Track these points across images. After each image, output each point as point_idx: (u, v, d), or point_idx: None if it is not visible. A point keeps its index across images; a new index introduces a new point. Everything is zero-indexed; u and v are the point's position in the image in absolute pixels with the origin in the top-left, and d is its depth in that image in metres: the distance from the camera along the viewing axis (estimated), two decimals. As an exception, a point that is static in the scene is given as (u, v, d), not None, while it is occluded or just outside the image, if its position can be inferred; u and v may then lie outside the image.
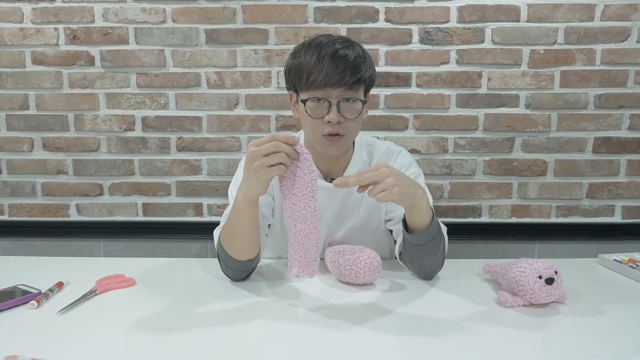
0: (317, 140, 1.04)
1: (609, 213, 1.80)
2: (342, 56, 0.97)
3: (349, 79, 0.96)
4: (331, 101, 0.98)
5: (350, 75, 0.96)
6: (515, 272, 0.90)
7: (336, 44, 0.98)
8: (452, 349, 0.75)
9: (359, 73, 0.98)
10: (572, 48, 1.69)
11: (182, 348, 0.75)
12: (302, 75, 0.99)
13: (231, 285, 1.02)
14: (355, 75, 0.97)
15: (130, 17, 1.70)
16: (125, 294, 0.98)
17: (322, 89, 0.97)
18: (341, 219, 1.19)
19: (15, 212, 1.81)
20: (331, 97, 0.98)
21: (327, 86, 0.96)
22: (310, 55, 0.98)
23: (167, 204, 1.80)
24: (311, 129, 1.03)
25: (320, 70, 0.96)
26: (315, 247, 0.91)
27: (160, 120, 1.76)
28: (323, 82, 0.96)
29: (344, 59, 0.96)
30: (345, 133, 1.02)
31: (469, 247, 1.82)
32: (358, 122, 1.04)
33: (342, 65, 0.96)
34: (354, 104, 1.00)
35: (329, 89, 0.97)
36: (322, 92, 0.98)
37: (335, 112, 0.98)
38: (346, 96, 0.98)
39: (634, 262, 1.12)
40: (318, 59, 0.97)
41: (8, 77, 1.73)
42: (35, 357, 0.70)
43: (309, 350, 0.75)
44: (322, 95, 0.98)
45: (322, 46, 0.98)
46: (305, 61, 0.98)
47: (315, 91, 0.98)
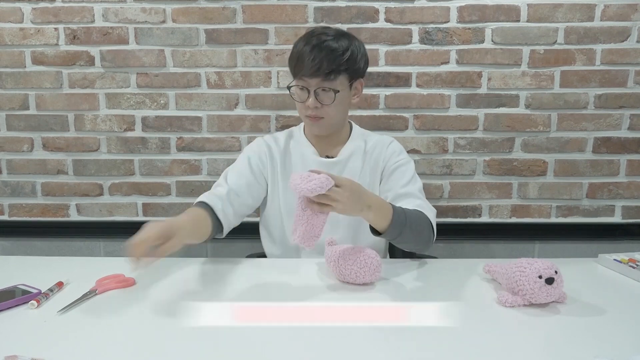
0: (303, 120, 1.22)
1: (609, 213, 1.80)
2: (324, 48, 1.09)
3: (325, 69, 1.09)
4: (310, 89, 1.12)
5: (327, 66, 1.08)
6: (515, 272, 0.90)
7: (324, 35, 1.11)
8: (453, 349, 0.75)
9: (333, 64, 1.09)
10: (572, 48, 1.69)
11: (182, 348, 0.75)
12: (292, 63, 1.14)
13: (231, 286, 1.02)
14: (331, 67, 1.09)
15: (130, 17, 1.70)
16: (125, 294, 0.98)
17: (302, 77, 1.12)
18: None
19: (15, 212, 1.81)
20: (310, 85, 1.12)
21: (304, 76, 1.11)
22: (301, 45, 1.12)
23: (167, 204, 1.80)
24: (299, 110, 1.20)
25: (303, 60, 1.10)
26: (321, 225, 0.96)
27: (160, 120, 1.76)
28: (302, 72, 1.11)
29: (325, 50, 1.09)
30: (324, 115, 1.15)
31: (469, 247, 1.82)
32: (337, 108, 1.16)
33: (320, 57, 1.08)
34: (329, 93, 1.12)
35: (307, 78, 1.11)
36: (302, 81, 1.13)
37: (313, 99, 1.13)
38: (322, 86, 1.11)
39: (634, 262, 1.12)
40: (303, 49, 1.10)
41: (8, 77, 1.73)
42: (35, 357, 0.70)
43: (309, 350, 0.75)
44: (303, 83, 1.13)
45: (311, 38, 1.11)
46: (295, 50, 1.13)
47: (299, 79, 1.14)
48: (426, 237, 1.10)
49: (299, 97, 1.16)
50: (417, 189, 1.20)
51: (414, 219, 1.06)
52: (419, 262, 1.18)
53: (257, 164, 1.25)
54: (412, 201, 1.14)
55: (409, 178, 1.21)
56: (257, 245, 1.40)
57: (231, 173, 1.23)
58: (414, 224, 1.06)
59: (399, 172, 1.23)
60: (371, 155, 1.26)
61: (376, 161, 1.25)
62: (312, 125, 1.19)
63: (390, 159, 1.25)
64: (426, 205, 1.16)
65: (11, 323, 0.84)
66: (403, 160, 1.24)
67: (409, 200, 1.15)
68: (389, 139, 1.30)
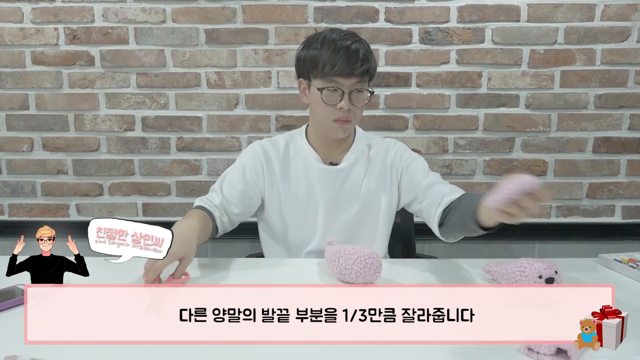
0: (327, 124, 1.16)
1: (609, 213, 1.79)
2: (354, 50, 1.09)
3: (360, 70, 1.09)
4: (344, 90, 1.11)
5: (360, 67, 1.09)
6: (515, 272, 0.90)
7: (347, 39, 1.11)
8: (453, 349, 0.75)
9: (367, 65, 1.11)
10: (572, 48, 1.69)
11: (182, 347, 0.75)
12: (316, 66, 1.11)
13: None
14: (364, 67, 1.10)
15: (130, 17, 1.70)
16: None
17: (336, 79, 1.10)
18: (339, 202, 1.22)
19: (15, 212, 1.81)
20: (344, 87, 1.11)
21: (341, 76, 1.09)
22: (326, 48, 1.10)
23: (167, 204, 1.80)
24: (323, 114, 1.14)
25: (336, 63, 1.08)
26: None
27: (160, 120, 1.75)
28: (338, 72, 1.09)
29: (355, 52, 1.09)
30: (352, 119, 1.15)
31: (469, 247, 1.82)
32: (362, 110, 1.17)
33: (354, 59, 1.08)
34: (363, 94, 1.13)
35: (343, 79, 1.10)
36: (336, 82, 1.10)
37: (347, 101, 1.11)
38: (357, 87, 1.11)
39: (634, 262, 1.12)
40: (334, 52, 1.09)
41: (8, 77, 1.73)
42: (35, 357, 0.70)
43: (308, 350, 0.75)
44: (337, 85, 1.10)
45: (337, 41, 1.10)
46: (321, 54, 1.10)
47: (331, 81, 1.10)
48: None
49: (329, 100, 1.11)
50: (438, 176, 1.21)
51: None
52: (419, 262, 1.18)
53: (252, 176, 1.22)
54: (444, 187, 1.15)
55: (426, 169, 1.23)
56: (257, 245, 1.40)
57: (226, 182, 1.22)
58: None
59: (413, 167, 1.23)
60: (375, 161, 1.24)
61: (383, 166, 1.24)
62: (338, 130, 1.16)
63: (401, 159, 1.25)
64: (453, 186, 1.16)
65: (11, 323, 0.84)
66: (412, 156, 1.25)
67: (440, 186, 1.16)
68: (392, 141, 1.30)
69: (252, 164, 1.22)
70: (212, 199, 1.19)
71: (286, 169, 1.23)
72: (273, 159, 1.23)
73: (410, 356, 0.74)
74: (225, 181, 1.22)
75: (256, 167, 1.22)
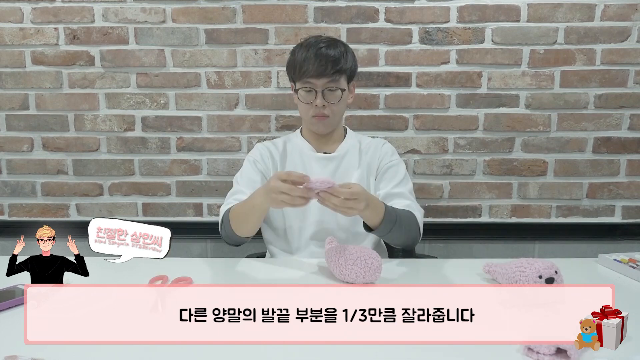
0: (307, 120, 1.30)
1: (609, 213, 1.79)
2: (324, 54, 1.21)
3: (330, 71, 1.21)
4: (317, 90, 1.23)
5: (331, 68, 1.20)
6: (515, 272, 0.90)
7: (321, 43, 1.23)
8: (453, 349, 0.75)
9: (338, 66, 1.22)
10: (572, 48, 1.69)
11: (182, 347, 0.75)
12: (295, 70, 1.24)
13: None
14: (335, 68, 1.21)
15: (130, 17, 1.70)
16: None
17: (309, 80, 1.22)
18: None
19: (15, 212, 1.81)
20: (317, 86, 1.23)
21: (312, 77, 1.21)
22: (301, 53, 1.23)
23: (167, 204, 1.80)
24: (303, 111, 1.29)
25: (308, 65, 1.21)
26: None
27: (160, 120, 1.76)
28: (309, 74, 1.21)
29: (326, 56, 1.21)
30: (330, 114, 1.26)
31: (469, 247, 1.82)
32: (340, 106, 1.28)
33: (324, 61, 1.20)
34: (336, 92, 1.24)
35: (315, 80, 1.22)
36: (310, 83, 1.23)
37: (320, 98, 1.23)
38: (329, 86, 1.23)
39: (634, 262, 1.12)
40: (307, 56, 1.21)
41: (8, 77, 1.73)
42: (35, 357, 0.70)
43: (308, 350, 0.75)
44: (310, 85, 1.23)
45: (310, 45, 1.23)
46: (299, 58, 1.23)
47: (305, 82, 1.23)
48: (413, 235, 1.21)
49: (305, 99, 1.25)
50: (408, 190, 1.29)
51: (403, 218, 1.16)
52: (419, 262, 1.18)
53: (263, 167, 1.33)
54: (402, 201, 1.24)
55: (401, 178, 1.30)
56: (257, 245, 1.40)
57: (244, 179, 1.30)
58: (403, 223, 1.16)
59: (391, 171, 1.31)
60: (366, 154, 1.35)
61: (371, 160, 1.34)
62: (317, 124, 1.28)
63: (384, 158, 1.34)
64: (415, 205, 1.25)
65: (11, 323, 0.84)
66: (396, 161, 1.34)
67: (400, 200, 1.25)
68: (382, 141, 1.39)
69: (261, 157, 1.34)
70: (240, 198, 1.22)
71: (286, 162, 1.35)
72: (275, 155, 1.35)
73: (410, 356, 0.74)
74: (242, 179, 1.30)
75: (264, 159, 1.34)
